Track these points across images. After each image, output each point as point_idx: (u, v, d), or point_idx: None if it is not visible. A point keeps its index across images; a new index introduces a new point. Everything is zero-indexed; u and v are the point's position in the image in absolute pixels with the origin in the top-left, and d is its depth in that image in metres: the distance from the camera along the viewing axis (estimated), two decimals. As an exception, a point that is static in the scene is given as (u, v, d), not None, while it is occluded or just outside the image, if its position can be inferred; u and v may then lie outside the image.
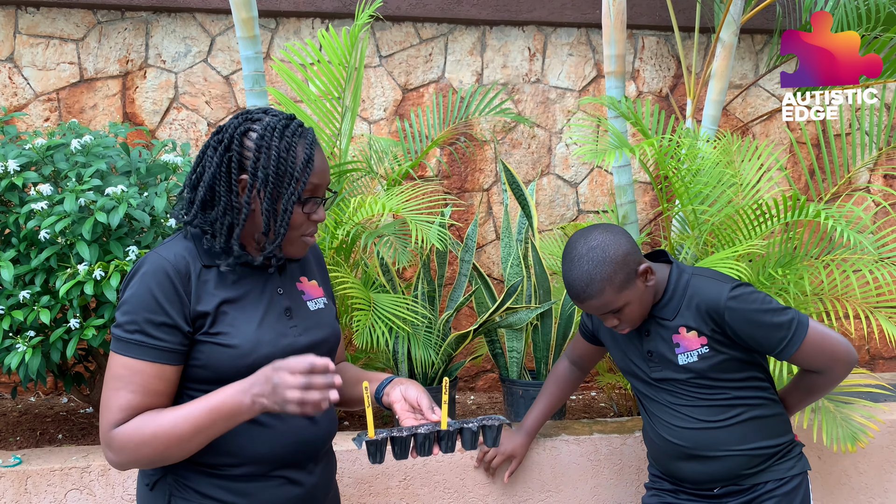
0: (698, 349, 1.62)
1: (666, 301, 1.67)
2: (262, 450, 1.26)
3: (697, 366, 1.64)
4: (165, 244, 1.29)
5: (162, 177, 2.51)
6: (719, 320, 1.60)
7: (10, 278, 2.11)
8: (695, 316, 1.62)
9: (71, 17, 3.34)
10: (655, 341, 1.68)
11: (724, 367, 1.65)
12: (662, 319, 1.67)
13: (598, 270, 1.58)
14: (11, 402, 3.13)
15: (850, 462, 2.56)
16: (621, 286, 1.59)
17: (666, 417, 1.73)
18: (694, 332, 1.63)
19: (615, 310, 1.62)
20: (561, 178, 3.67)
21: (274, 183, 1.24)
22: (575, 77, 3.67)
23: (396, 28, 3.54)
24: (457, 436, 1.29)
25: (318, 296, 1.40)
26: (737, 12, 2.99)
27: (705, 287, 1.64)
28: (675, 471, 1.77)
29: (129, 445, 1.17)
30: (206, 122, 3.45)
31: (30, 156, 2.34)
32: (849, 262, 2.56)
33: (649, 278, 1.63)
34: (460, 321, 3.52)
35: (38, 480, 2.13)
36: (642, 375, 1.75)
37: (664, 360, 1.68)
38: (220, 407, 1.15)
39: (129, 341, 1.20)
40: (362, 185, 3.00)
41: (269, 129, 1.25)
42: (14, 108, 3.31)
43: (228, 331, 1.23)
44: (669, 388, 1.70)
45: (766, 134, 3.79)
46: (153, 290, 1.20)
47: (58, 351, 2.22)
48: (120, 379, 1.19)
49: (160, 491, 1.27)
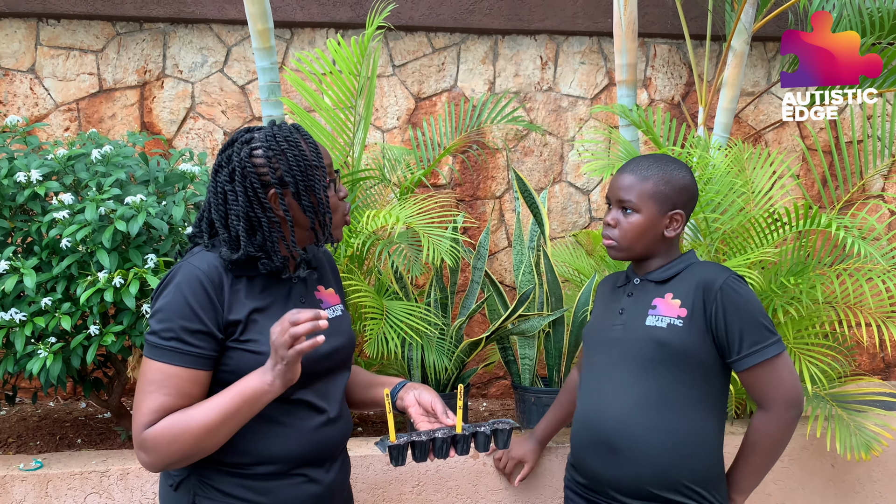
0: (672, 318, 1.51)
1: (665, 268, 1.59)
2: (282, 448, 1.30)
3: (660, 334, 1.51)
4: (195, 256, 1.33)
5: (180, 186, 2.55)
6: (709, 297, 1.50)
7: (32, 286, 2.16)
8: (687, 289, 1.53)
9: (91, 28, 3.40)
10: (634, 303, 1.59)
11: (686, 354, 1.50)
12: (655, 283, 1.58)
13: (663, 168, 1.54)
14: (31, 406, 3.18)
15: (864, 470, 2.56)
16: (657, 194, 1.52)
17: (594, 390, 1.58)
18: (678, 301, 1.52)
19: (628, 205, 1.53)
20: (573, 186, 3.69)
21: (303, 180, 1.30)
22: (587, 85, 3.69)
23: (409, 38, 3.57)
24: (471, 439, 1.34)
25: (335, 303, 1.46)
26: (748, 20, 3.00)
27: (709, 267, 1.57)
28: (586, 466, 1.60)
29: (161, 443, 1.21)
30: (222, 132, 3.50)
31: (51, 166, 2.39)
32: (862, 270, 2.56)
33: (674, 225, 1.55)
34: (472, 328, 3.54)
35: (59, 484, 2.17)
36: (601, 333, 1.63)
37: (631, 320, 1.57)
38: (244, 391, 1.21)
39: (165, 348, 1.23)
40: (375, 192, 3.03)
41: (270, 139, 1.30)
42: (35, 118, 3.37)
43: (258, 338, 1.28)
44: (619, 351, 1.56)
45: (778, 141, 3.79)
46: (188, 299, 1.24)
47: (78, 357, 2.27)
48: (154, 382, 1.23)
49: (184, 491, 1.31)
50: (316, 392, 1.35)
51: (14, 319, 2.20)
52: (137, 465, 2.20)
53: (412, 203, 2.60)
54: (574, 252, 3.20)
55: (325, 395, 1.36)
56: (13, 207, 2.37)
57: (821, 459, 2.52)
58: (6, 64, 3.37)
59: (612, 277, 1.76)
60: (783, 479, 2.50)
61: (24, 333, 2.18)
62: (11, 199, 2.36)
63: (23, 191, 2.31)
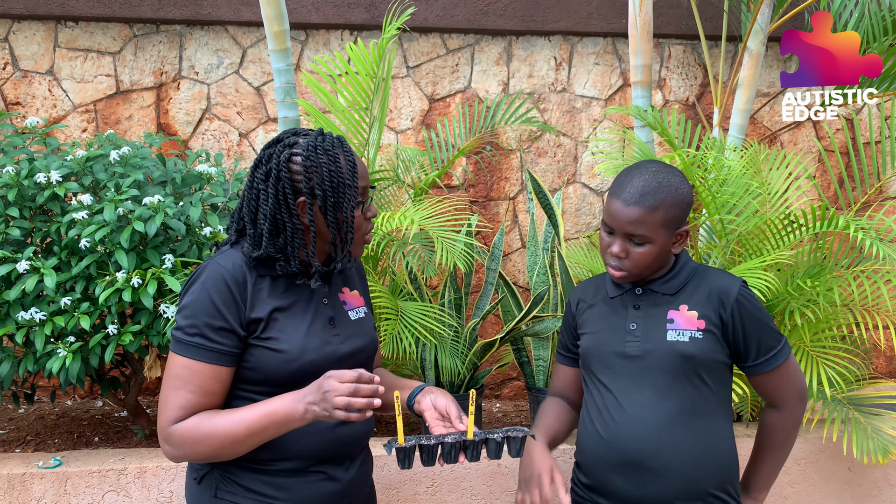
0: (693, 331, 1.48)
1: (670, 277, 1.53)
2: (301, 446, 1.33)
3: (685, 348, 1.47)
4: (221, 254, 1.36)
5: (196, 187, 2.57)
6: (726, 308, 1.48)
7: (52, 285, 2.18)
8: (701, 299, 1.50)
9: (108, 31, 3.44)
10: (644, 316, 1.52)
11: (709, 363, 1.49)
12: (663, 294, 1.53)
13: (667, 191, 1.45)
14: (49, 405, 3.22)
15: (881, 474, 2.54)
16: (667, 221, 1.45)
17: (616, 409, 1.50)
18: (694, 313, 1.49)
19: (639, 237, 1.46)
20: (587, 187, 3.68)
21: (333, 196, 1.31)
22: (601, 86, 3.68)
23: (424, 39, 3.58)
24: (482, 445, 1.33)
25: (358, 305, 1.47)
26: (764, 21, 2.98)
27: (717, 274, 1.54)
28: (610, 487, 1.52)
29: (186, 441, 1.25)
30: (237, 133, 3.52)
31: (71, 167, 2.41)
32: (879, 273, 2.54)
33: (681, 241, 1.51)
34: (486, 329, 3.54)
35: (77, 482, 2.19)
36: (612, 350, 1.53)
37: (648, 335, 1.50)
38: (275, 413, 1.23)
39: (190, 343, 1.27)
40: (390, 193, 3.04)
41: (311, 149, 1.32)
42: (53, 119, 3.41)
43: (279, 336, 1.31)
44: (639, 368, 1.49)
45: (794, 142, 3.77)
46: (213, 297, 1.28)
47: (96, 356, 2.29)
48: (179, 378, 1.27)
49: (207, 484, 1.35)
50: None
51: (34, 319, 2.23)
52: (154, 464, 2.22)
53: (426, 205, 2.61)
54: (588, 253, 3.20)
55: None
56: (33, 208, 2.40)
57: (837, 463, 2.51)
58: (25, 66, 3.41)
59: (590, 285, 1.67)
60: (799, 483, 2.49)
61: (44, 333, 2.21)
62: (31, 200, 2.39)
63: (42, 191, 2.34)
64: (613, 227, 1.49)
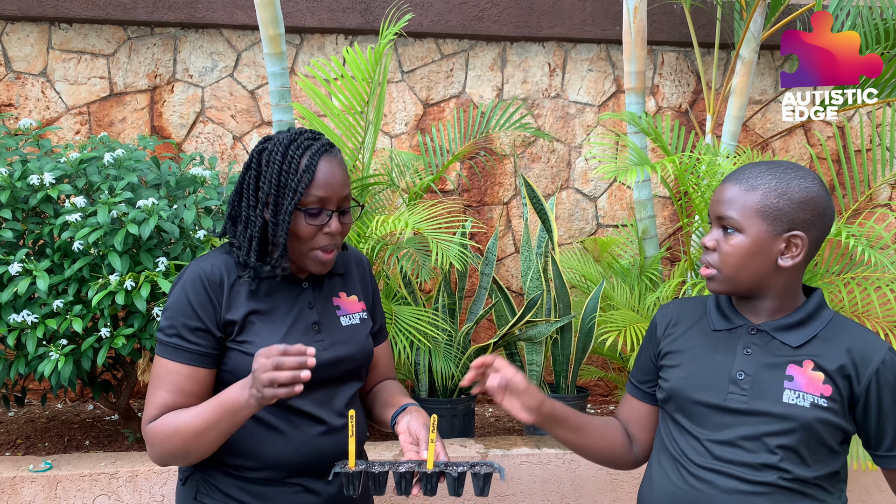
0: (816, 396, 1.16)
1: (795, 322, 1.21)
2: (277, 455, 1.30)
3: (804, 414, 1.15)
4: (207, 255, 1.35)
5: (190, 190, 2.57)
6: (861, 374, 1.17)
7: (44, 288, 2.17)
8: (831, 358, 1.18)
9: (102, 33, 3.43)
10: (758, 364, 1.21)
11: (825, 440, 1.17)
12: (784, 343, 1.21)
13: (779, 178, 1.19)
14: (39, 408, 3.20)
15: (871, 480, 2.55)
16: (766, 210, 1.17)
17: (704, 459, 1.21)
18: (821, 373, 1.17)
19: (729, 223, 1.19)
20: (580, 193, 3.70)
21: (275, 194, 1.27)
22: (594, 92, 3.70)
23: (419, 44, 3.59)
24: (439, 478, 1.18)
25: (354, 311, 1.42)
26: (757, 29, 3.01)
27: (861, 331, 1.22)
28: None
29: (157, 439, 1.25)
30: (231, 136, 3.52)
31: (64, 169, 2.40)
32: (870, 280, 2.56)
33: (792, 251, 1.18)
34: (479, 333, 3.54)
35: (68, 486, 2.18)
36: (707, 399, 1.22)
37: (760, 390, 1.18)
38: (225, 402, 1.21)
39: (168, 344, 1.27)
40: (384, 198, 3.04)
41: (276, 143, 1.31)
42: (46, 121, 3.40)
43: (253, 340, 1.29)
44: (739, 425, 1.19)
45: (786, 149, 3.80)
46: (189, 298, 1.28)
47: (88, 359, 2.28)
48: (158, 378, 1.27)
49: (190, 486, 1.35)
50: (315, 401, 1.32)
51: (26, 321, 2.21)
52: (146, 468, 2.21)
53: (421, 209, 2.61)
54: (582, 258, 3.21)
55: (326, 405, 1.33)
56: (26, 210, 2.39)
57: (828, 468, 2.52)
58: (18, 67, 3.39)
59: (688, 306, 1.35)
60: (790, 488, 2.50)
61: (36, 335, 2.20)
62: (24, 202, 2.37)
63: (36, 193, 2.33)
64: (710, 213, 1.25)
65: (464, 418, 2.75)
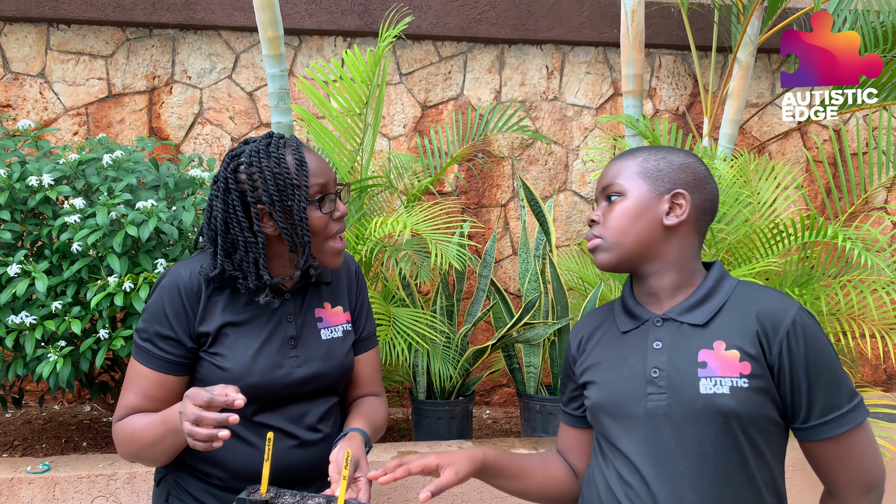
0: (735, 378, 1.06)
1: (698, 300, 1.13)
2: (248, 466, 1.28)
3: (725, 403, 1.05)
4: (191, 258, 1.33)
5: (189, 191, 2.57)
6: (771, 340, 1.07)
7: (43, 289, 2.17)
8: (742, 329, 1.09)
9: (101, 34, 3.43)
10: (670, 355, 1.11)
11: (756, 422, 1.08)
12: (690, 325, 1.12)
13: (658, 148, 1.19)
14: (36, 409, 3.19)
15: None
16: (647, 172, 1.15)
17: (639, 486, 1.10)
18: (735, 352, 1.08)
19: (613, 190, 1.16)
20: (577, 195, 3.71)
21: (279, 199, 1.23)
22: (592, 95, 3.71)
23: (417, 46, 3.60)
24: None
25: (336, 323, 1.38)
26: (754, 33, 3.02)
27: (766, 295, 1.12)
28: None
29: (119, 440, 1.27)
30: (229, 137, 3.52)
31: (63, 170, 2.40)
32: (866, 282, 2.57)
33: (676, 210, 1.14)
34: (477, 335, 3.55)
35: (66, 487, 2.18)
36: (628, 407, 1.13)
37: (677, 384, 1.09)
38: (168, 420, 1.20)
39: (140, 348, 1.28)
40: (382, 199, 3.05)
41: (253, 154, 1.25)
42: (45, 122, 3.39)
43: (225, 353, 1.27)
44: (666, 430, 1.09)
45: (782, 152, 3.81)
46: (164, 305, 1.27)
47: (87, 360, 2.28)
48: (129, 379, 1.28)
49: (163, 487, 1.36)
50: (285, 416, 1.30)
51: (24, 323, 2.21)
52: (144, 469, 2.21)
53: (419, 210, 2.62)
54: (579, 261, 3.22)
55: (297, 420, 1.31)
56: (25, 211, 2.38)
57: (824, 470, 2.53)
58: (16, 68, 3.39)
59: (594, 319, 1.28)
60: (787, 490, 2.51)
61: (35, 337, 2.20)
62: (23, 203, 2.37)
63: (34, 194, 2.33)
64: (596, 197, 1.24)
65: (461, 420, 2.75)
